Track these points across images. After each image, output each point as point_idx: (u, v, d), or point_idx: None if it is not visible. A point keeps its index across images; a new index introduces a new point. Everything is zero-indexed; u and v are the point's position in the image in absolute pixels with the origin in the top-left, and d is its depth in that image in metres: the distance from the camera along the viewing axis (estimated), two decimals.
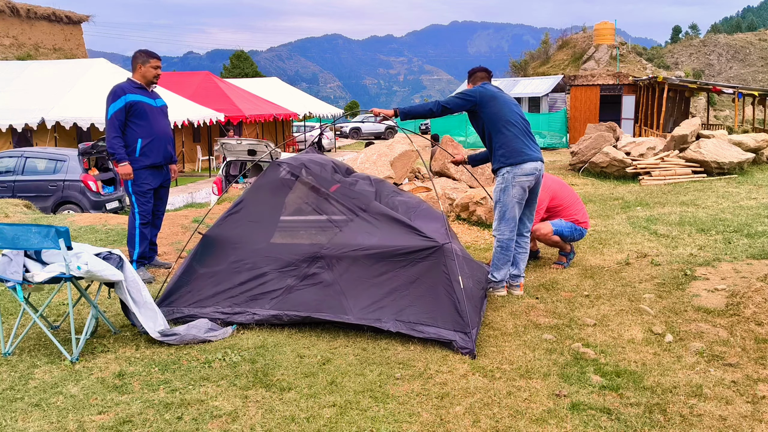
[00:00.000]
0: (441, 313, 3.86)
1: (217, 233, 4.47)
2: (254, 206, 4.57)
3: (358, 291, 4.04)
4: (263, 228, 4.46)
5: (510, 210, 4.72)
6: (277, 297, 4.16)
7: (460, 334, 3.75)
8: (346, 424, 2.92)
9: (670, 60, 47.23)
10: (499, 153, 4.74)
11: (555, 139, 26.51)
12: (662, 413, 3.00)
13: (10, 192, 11.50)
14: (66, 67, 19.37)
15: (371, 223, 4.28)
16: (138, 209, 5.39)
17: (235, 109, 23.30)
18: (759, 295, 4.10)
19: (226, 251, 4.37)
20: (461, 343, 3.71)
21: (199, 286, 4.32)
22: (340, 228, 4.30)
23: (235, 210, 4.57)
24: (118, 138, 5.22)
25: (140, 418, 2.99)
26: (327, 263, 4.17)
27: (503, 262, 4.79)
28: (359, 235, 4.23)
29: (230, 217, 4.53)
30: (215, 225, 4.56)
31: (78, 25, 37.83)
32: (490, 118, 4.73)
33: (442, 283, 3.92)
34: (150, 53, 5.45)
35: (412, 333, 3.83)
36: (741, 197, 9.01)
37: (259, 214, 4.53)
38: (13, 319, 4.32)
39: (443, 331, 3.80)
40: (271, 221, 4.51)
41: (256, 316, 4.12)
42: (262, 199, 4.61)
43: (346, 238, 4.23)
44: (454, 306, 3.84)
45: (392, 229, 4.21)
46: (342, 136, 39.46)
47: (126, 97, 5.21)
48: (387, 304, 3.95)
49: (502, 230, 4.77)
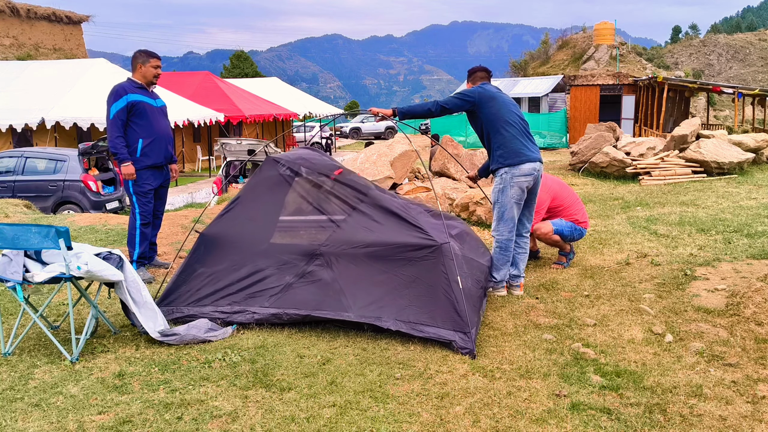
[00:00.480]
0: (440, 313, 3.85)
1: (215, 232, 4.48)
2: (251, 203, 4.57)
3: (358, 289, 4.04)
4: (261, 225, 4.46)
5: (508, 210, 4.72)
6: (276, 294, 4.15)
7: (459, 334, 3.75)
8: (346, 424, 2.92)
9: (670, 60, 47.23)
10: (498, 153, 4.74)
11: (555, 139, 26.51)
12: (662, 413, 3.00)
13: (10, 192, 11.50)
14: (66, 67, 19.36)
15: (370, 216, 4.27)
16: (139, 209, 5.39)
17: (235, 109, 23.29)
18: (759, 295, 4.10)
19: (224, 249, 4.38)
20: (461, 343, 3.71)
21: (198, 285, 4.32)
22: (339, 224, 4.30)
23: (231, 208, 4.58)
24: (121, 138, 5.23)
25: (140, 418, 2.99)
26: (326, 261, 4.17)
27: (503, 263, 4.79)
28: (358, 231, 4.23)
29: (227, 215, 4.54)
30: (212, 223, 4.57)
31: (78, 25, 37.83)
32: (488, 118, 4.73)
33: (441, 283, 3.92)
34: (150, 53, 5.45)
35: (413, 332, 3.83)
36: (741, 197, 9.00)
37: (256, 211, 4.53)
38: (13, 319, 4.32)
39: (442, 330, 3.79)
40: (268, 218, 4.49)
41: (255, 315, 4.12)
42: (258, 196, 4.61)
43: (345, 235, 4.23)
44: (452, 306, 3.84)
45: (392, 224, 4.21)
46: (342, 136, 39.47)
47: (128, 96, 5.21)
48: (387, 303, 3.95)
49: (500, 231, 4.77)
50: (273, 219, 4.49)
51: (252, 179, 4.80)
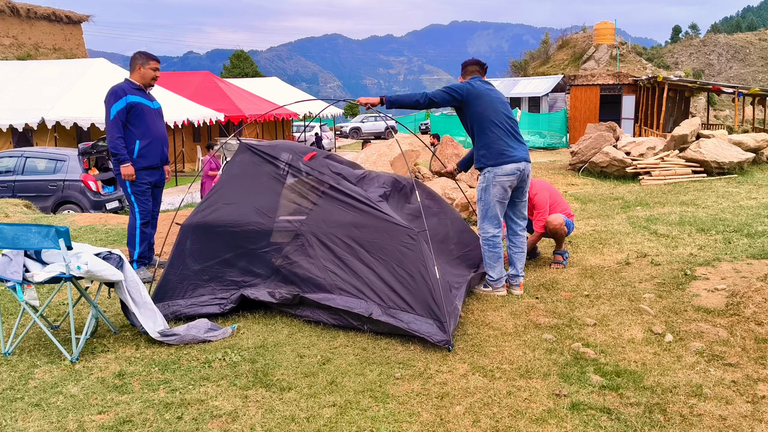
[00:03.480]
0: (417, 301, 3.89)
1: (196, 221, 4.54)
2: (227, 189, 4.67)
3: (338, 270, 4.12)
4: (239, 208, 4.52)
5: (492, 208, 4.74)
6: (268, 277, 4.29)
7: (436, 322, 3.78)
8: (346, 424, 2.92)
9: (670, 60, 47.23)
10: (480, 153, 4.77)
11: (555, 138, 26.51)
12: (662, 413, 3.00)
13: (10, 192, 11.50)
14: (66, 67, 19.35)
15: (344, 203, 4.36)
16: (138, 208, 5.42)
17: (235, 109, 23.29)
18: (759, 294, 4.10)
19: (207, 236, 4.45)
20: (438, 337, 3.73)
21: (189, 275, 4.39)
22: (317, 203, 4.40)
23: (209, 196, 4.68)
24: (122, 139, 5.26)
25: (140, 418, 2.99)
26: (306, 240, 4.27)
27: (494, 260, 4.79)
28: (334, 212, 4.33)
29: (205, 203, 4.64)
30: (192, 214, 4.65)
31: (78, 25, 37.83)
32: (474, 117, 4.72)
33: (419, 271, 3.95)
34: (149, 55, 5.48)
35: (391, 321, 3.85)
36: (741, 197, 9.00)
37: (233, 195, 4.60)
38: (13, 319, 4.32)
39: (419, 318, 3.82)
40: (246, 200, 4.54)
41: (251, 295, 4.25)
42: (233, 180, 4.72)
43: (323, 214, 4.33)
44: (430, 294, 3.87)
45: (365, 215, 4.28)
46: (342, 135, 39.48)
47: (127, 97, 5.24)
48: (366, 288, 4.02)
49: (485, 228, 4.79)
50: (250, 201, 4.54)
51: (225, 167, 4.96)
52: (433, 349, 3.77)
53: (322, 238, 4.24)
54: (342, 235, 4.21)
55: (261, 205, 4.47)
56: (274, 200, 4.51)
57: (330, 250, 4.20)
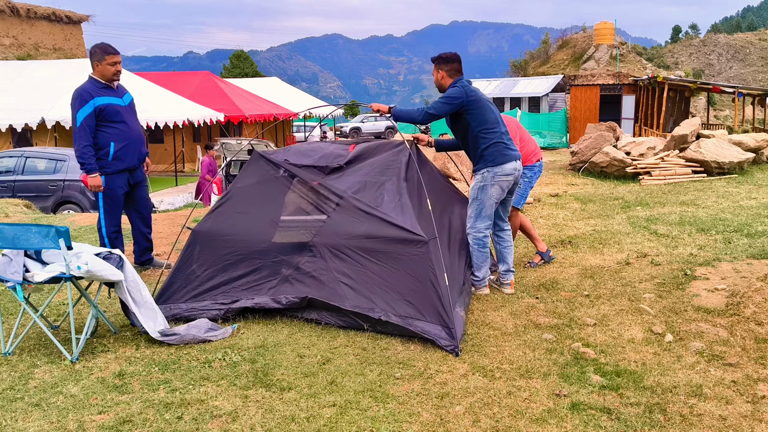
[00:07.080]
0: (426, 308, 3.88)
1: (207, 227, 4.54)
2: (240, 197, 4.65)
3: (350, 280, 4.09)
4: (252, 219, 4.50)
5: (486, 208, 4.74)
6: (273, 287, 4.24)
7: (445, 329, 3.78)
8: (346, 424, 2.92)
9: (670, 60, 47.24)
10: (482, 156, 4.74)
11: (555, 138, 26.50)
12: (662, 413, 3.01)
13: (10, 192, 11.50)
14: (66, 67, 19.33)
15: (354, 215, 4.33)
16: (103, 212, 5.14)
17: (235, 109, 23.29)
18: (759, 294, 4.10)
19: (217, 244, 4.44)
20: (444, 342, 3.74)
21: (194, 281, 4.38)
22: (329, 215, 4.37)
23: (221, 203, 4.67)
24: (89, 147, 4.94)
25: (140, 418, 2.99)
26: (318, 252, 4.24)
27: (482, 260, 4.81)
28: (346, 223, 4.29)
29: (218, 211, 4.62)
30: (203, 219, 4.64)
31: (78, 24, 37.82)
32: (474, 121, 4.69)
33: (429, 278, 3.95)
34: (105, 48, 5.03)
35: (402, 324, 3.85)
36: (741, 197, 9.00)
37: (246, 204, 4.59)
38: (13, 319, 4.32)
39: (429, 325, 3.82)
40: (259, 212, 4.53)
41: (254, 300, 4.21)
42: (247, 190, 4.70)
43: (335, 226, 4.30)
44: (439, 301, 3.87)
45: (375, 223, 4.25)
46: (342, 136, 39.50)
47: (94, 101, 4.93)
48: (378, 295, 4.00)
49: (477, 228, 4.78)
50: (264, 212, 4.53)
51: (240, 174, 4.90)
52: (433, 349, 3.77)
53: (335, 251, 4.20)
54: (354, 247, 4.17)
55: (274, 216, 4.47)
56: (287, 210, 4.50)
57: (342, 261, 4.16)
